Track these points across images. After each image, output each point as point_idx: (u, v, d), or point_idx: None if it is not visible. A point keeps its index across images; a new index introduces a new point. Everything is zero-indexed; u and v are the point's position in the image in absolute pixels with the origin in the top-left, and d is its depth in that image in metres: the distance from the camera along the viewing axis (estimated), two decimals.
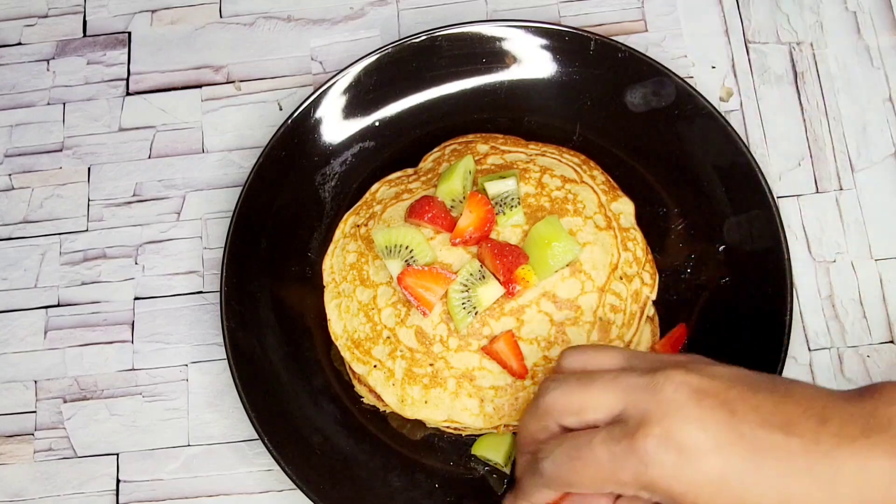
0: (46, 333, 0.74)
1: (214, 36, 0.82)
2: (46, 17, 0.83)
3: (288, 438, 0.65)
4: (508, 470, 0.65)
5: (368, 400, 0.68)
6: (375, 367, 0.67)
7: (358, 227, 0.72)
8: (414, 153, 0.75)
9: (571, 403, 0.51)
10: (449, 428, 0.67)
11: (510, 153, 0.72)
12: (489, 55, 0.74)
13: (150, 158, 0.78)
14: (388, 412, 0.68)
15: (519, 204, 0.67)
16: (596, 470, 0.48)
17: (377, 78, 0.74)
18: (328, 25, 0.82)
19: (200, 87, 0.80)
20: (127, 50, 0.82)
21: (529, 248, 0.65)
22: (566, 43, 0.73)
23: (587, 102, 0.74)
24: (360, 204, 0.73)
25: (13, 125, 0.80)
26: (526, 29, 0.74)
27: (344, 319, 0.69)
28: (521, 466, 0.55)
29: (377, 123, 0.75)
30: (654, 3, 0.80)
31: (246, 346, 0.68)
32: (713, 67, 0.78)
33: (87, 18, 0.83)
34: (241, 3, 0.83)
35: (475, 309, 0.64)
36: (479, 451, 0.66)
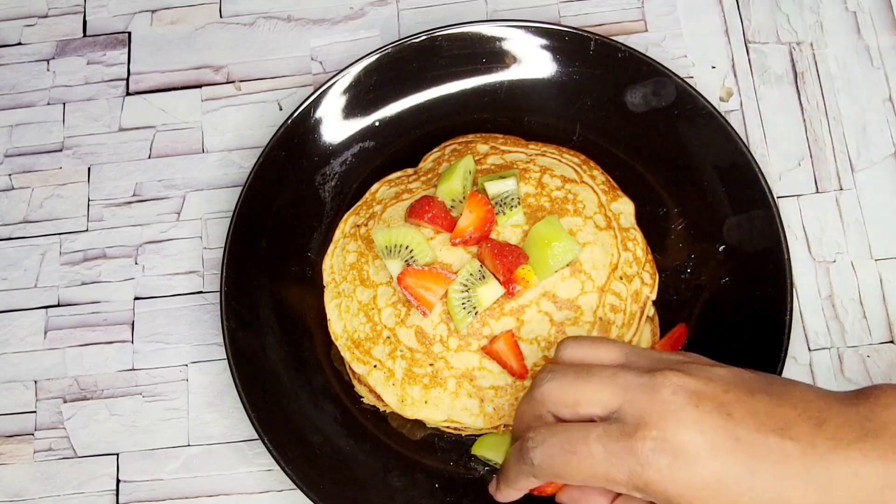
0: (46, 333, 0.74)
1: (214, 36, 0.82)
2: (46, 17, 0.83)
3: (288, 438, 0.65)
4: None
5: (368, 400, 0.68)
6: (375, 367, 0.67)
7: (358, 227, 0.72)
8: (414, 153, 0.75)
9: (567, 396, 0.51)
10: (449, 428, 0.67)
11: (510, 153, 0.72)
12: (489, 55, 0.74)
13: (150, 158, 0.78)
14: (388, 412, 0.68)
15: (519, 204, 0.67)
16: (589, 465, 0.48)
17: (377, 78, 0.74)
18: (328, 25, 0.82)
19: (200, 87, 0.80)
20: (127, 50, 0.82)
21: (529, 248, 0.65)
22: (566, 43, 0.73)
23: (587, 102, 0.74)
24: (360, 204, 0.73)
25: (13, 125, 0.80)
26: (526, 29, 0.74)
27: (344, 319, 0.69)
28: (510, 453, 0.54)
29: (377, 123, 0.75)
30: (654, 3, 0.80)
31: (246, 346, 0.68)
32: (713, 67, 0.78)
33: (87, 18, 0.83)
34: (241, 3, 0.83)
35: (475, 309, 0.64)
36: (479, 451, 0.66)
